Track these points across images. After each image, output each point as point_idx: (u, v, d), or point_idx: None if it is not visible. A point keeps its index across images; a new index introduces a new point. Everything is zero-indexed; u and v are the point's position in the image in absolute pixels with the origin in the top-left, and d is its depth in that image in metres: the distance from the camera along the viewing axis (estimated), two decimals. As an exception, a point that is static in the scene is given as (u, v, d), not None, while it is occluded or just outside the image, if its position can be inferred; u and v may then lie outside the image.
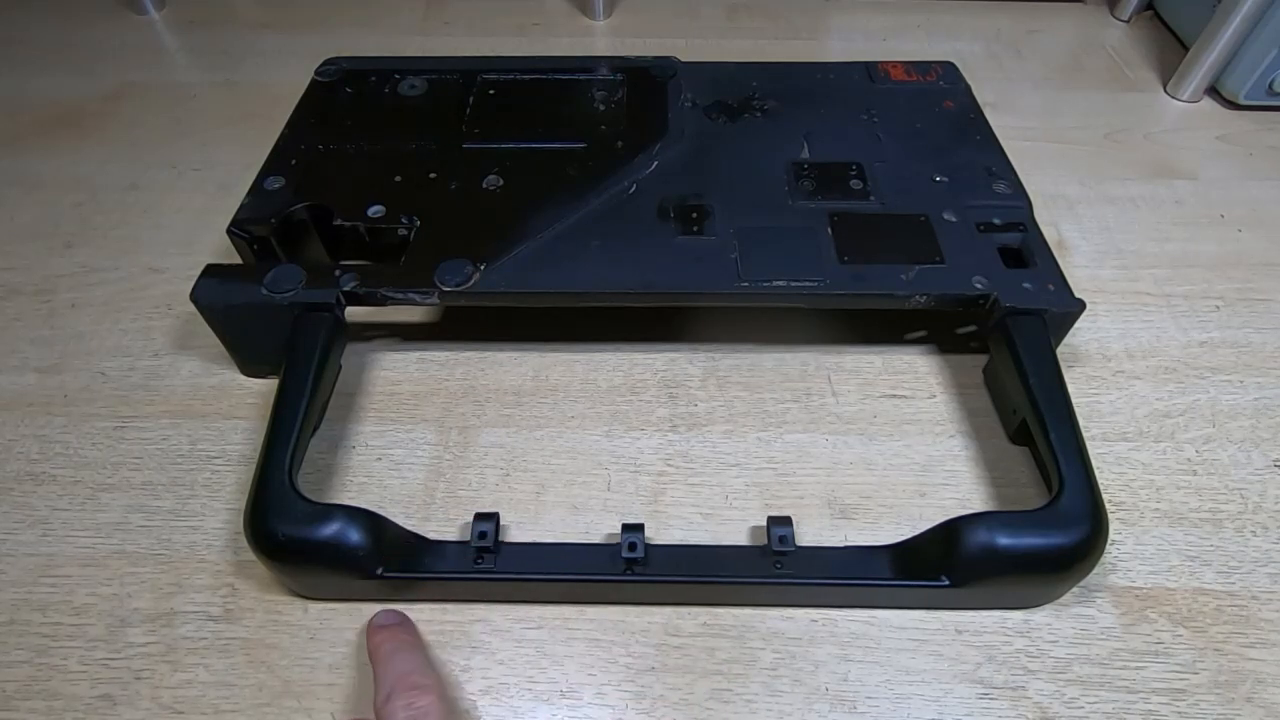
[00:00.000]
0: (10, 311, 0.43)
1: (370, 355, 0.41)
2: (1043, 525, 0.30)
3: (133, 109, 0.58)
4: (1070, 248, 0.47)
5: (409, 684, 0.27)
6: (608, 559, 0.31)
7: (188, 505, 0.35)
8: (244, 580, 0.33)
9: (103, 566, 0.33)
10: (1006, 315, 0.36)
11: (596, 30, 0.68)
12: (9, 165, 0.53)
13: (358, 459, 0.37)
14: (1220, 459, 0.37)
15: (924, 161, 0.43)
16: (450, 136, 0.44)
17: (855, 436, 0.38)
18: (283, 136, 0.44)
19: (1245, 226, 0.49)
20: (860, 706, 0.29)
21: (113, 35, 0.66)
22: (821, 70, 0.50)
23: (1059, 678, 0.30)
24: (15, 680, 0.30)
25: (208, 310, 0.37)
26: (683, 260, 0.38)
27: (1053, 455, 0.32)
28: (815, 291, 0.37)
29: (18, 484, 0.36)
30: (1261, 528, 0.34)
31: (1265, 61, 0.55)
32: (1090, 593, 0.32)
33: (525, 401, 0.39)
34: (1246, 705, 0.29)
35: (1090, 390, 0.40)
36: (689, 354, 0.41)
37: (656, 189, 0.41)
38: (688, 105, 0.47)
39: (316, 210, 0.41)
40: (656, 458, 0.37)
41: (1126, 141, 0.56)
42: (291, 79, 0.49)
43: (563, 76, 0.49)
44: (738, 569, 0.31)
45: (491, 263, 0.37)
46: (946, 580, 0.30)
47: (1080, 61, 0.64)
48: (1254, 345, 0.42)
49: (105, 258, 0.47)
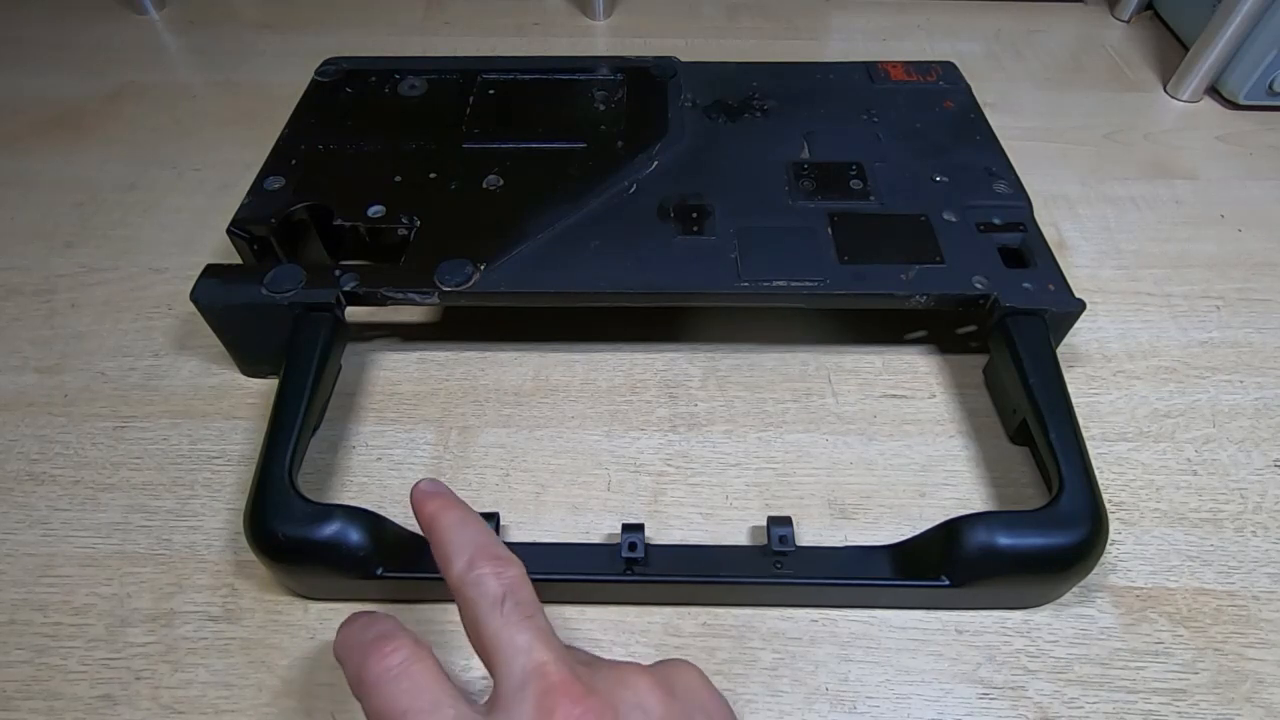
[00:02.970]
0: (10, 311, 0.44)
1: (370, 355, 0.41)
2: (1043, 525, 0.30)
3: (133, 109, 0.58)
4: (1070, 248, 0.47)
5: (491, 554, 0.23)
6: (608, 559, 0.31)
7: (188, 505, 0.35)
8: (244, 580, 0.33)
9: (103, 566, 0.33)
10: (1006, 315, 0.36)
11: (596, 30, 0.68)
12: (9, 165, 0.53)
13: (358, 459, 0.37)
14: (1220, 459, 0.37)
15: (924, 161, 0.43)
16: (450, 136, 0.44)
17: (855, 436, 0.38)
18: (283, 136, 0.44)
19: (1245, 226, 0.49)
20: (860, 706, 0.29)
21: (113, 35, 0.66)
22: (821, 70, 0.50)
23: (1059, 678, 0.30)
24: (15, 680, 0.30)
25: (208, 310, 0.37)
26: (683, 260, 0.38)
27: (1053, 455, 0.32)
28: (815, 291, 0.37)
29: (18, 484, 0.36)
30: (1261, 528, 0.34)
31: (1265, 61, 0.55)
32: (1090, 593, 0.32)
33: (525, 401, 0.39)
34: (1246, 705, 0.29)
35: (1090, 390, 0.40)
36: (689, 354, 0.41)
37: (656, 189, 0.41)
38: (688, 105, 0.47)
39: (316, 210, 0.41)
40: (656, 458, 0.37)
41: (1126, 141, 0.56)
42: (291, 79, 0.49)
43: (563, 76, 0.49)
44: (738, 569, 0.31)
45: (491, 263, 0.37)
46: (946, 580, 0.30)
47: (1080, 61, 0.64)
48: (1254, 345, 0.42)
49: (105, 258, 0.47)
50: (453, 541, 0.23)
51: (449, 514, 0.24)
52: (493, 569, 0.22)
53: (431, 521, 0.24)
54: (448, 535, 0.24)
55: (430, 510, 0.25)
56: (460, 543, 0.23)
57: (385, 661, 0.21)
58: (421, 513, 0.25)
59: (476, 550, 0.23)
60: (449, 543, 0.24)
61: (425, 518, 0.25)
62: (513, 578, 0.22)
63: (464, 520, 0.24)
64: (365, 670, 0.22)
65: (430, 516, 0.25)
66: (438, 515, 0.24)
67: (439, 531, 0.24)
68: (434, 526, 0.24)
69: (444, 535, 0.24)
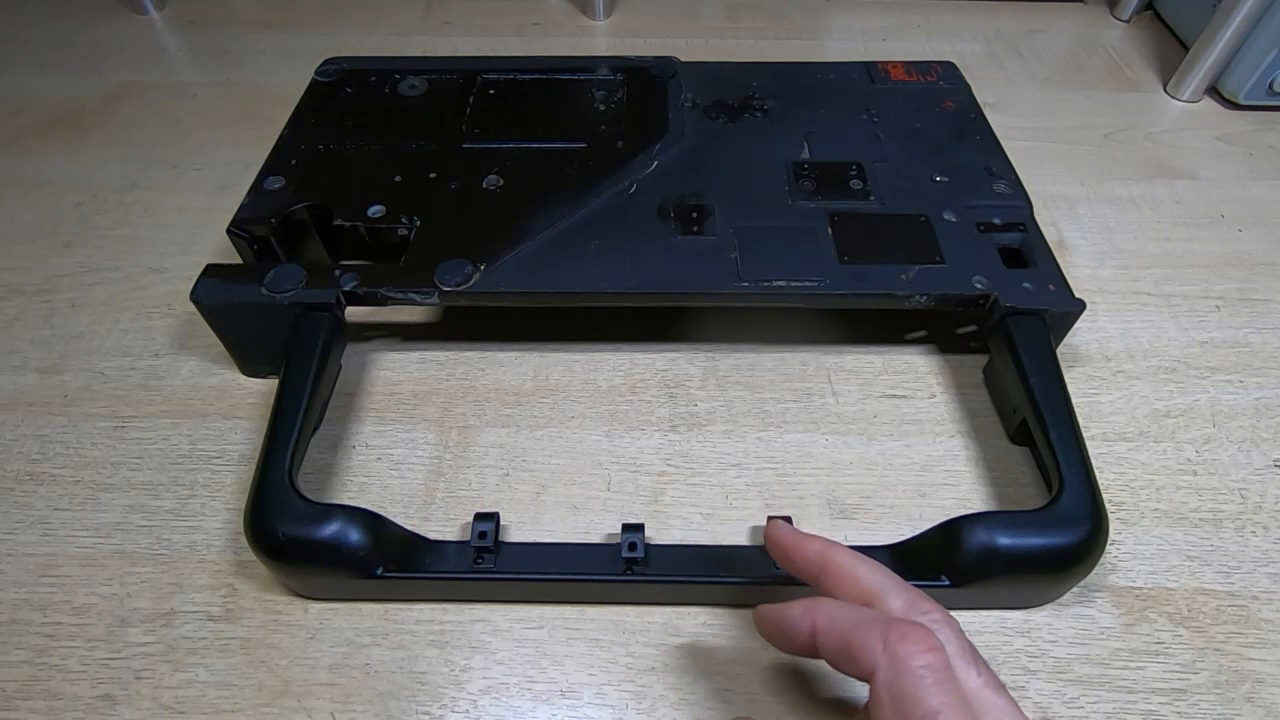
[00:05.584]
0: (10, 311, 0.44)
1: (370, 355, 0.41)
2: (1043, 525, 0.30)
3: (133, 109, 0.58)
4: (1070, 248, 0.47)
5: (920, 595, 0.22)
6: (608, 559, 0.31)
7: (188, 505, 0.35)
8: (244, 580, 0.33)
9: (103, 566, 0.33)
10: (1006, 315, 0.36)
11: (596, 30, 0.68)
12: (9, 165, 0.53)
13: (358, 459, 0.37)
14: (1220, 459, 0.37)
15: (924, 161, 0.43)
16: (450, 136, 0.44)
17: (855, 436, 0.38)
18: (283, 136, 0.44)
19: (1245, 226, 0.49)
20: (860, 706, 0.29)
21: (113, 35, 0.66)
22: (821, 70, 0.50)
23: (1059, 678, 0.30)
24: (15, 680, 0.30)
25: (208, 310, 0.37)
26: (683, 260, 0.38)
27: (1053, 455, 0.32)
28: (815, 291, 0.37)
29: (18, 484, 0.36)
30: (1261, 528, 0.34)
31: (1265, 61, 0.55)
32: (1090, 593, 0.32)
33: (525, 401, 0.39)
34: (1246, 705, 0.29)
35: (1090, 390, 0.40)
36: (689, 354, 0.41)
37: (656, 189, 0.41)
38: (688, 105, 0.47)
39: (316, 210, 0.41)
40: (656, 458, 0.37)
41: (1126, 141, 0.56)
42: (291, 79, 0.49)
43: (563, 76, 0.49)
44: (738, 569, 0.31)
45: (491, 263, 0.37)
46: (947, 580, 0.30)
47: (1080, 61, 0.64)
48: (1254, 345, 0.42)
49: (105, 258, 0.47)
50: (876, 580, 0.23)
51: (845, 553, 0.24)
52: (930, 612, 0.22)
53: (828, 561, 0.24)
54: (860, 570, 0.23)
55: (817, 550, 0.24)
56: (883, 581, 0.23)
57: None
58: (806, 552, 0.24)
59: (908, 591, 0.22)
60: (868, 580, 0.23)
61: (816, 555, 0.24)
62: (943, 619, 0.22)
63: (863, 560, 0.24)
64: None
65: (823, 555, 0.24)
66: (832, 553, 0.24)
67: (847, 569, 0.23)
68: (833, 565, 0.24)
69: (855, 571, 0.23)
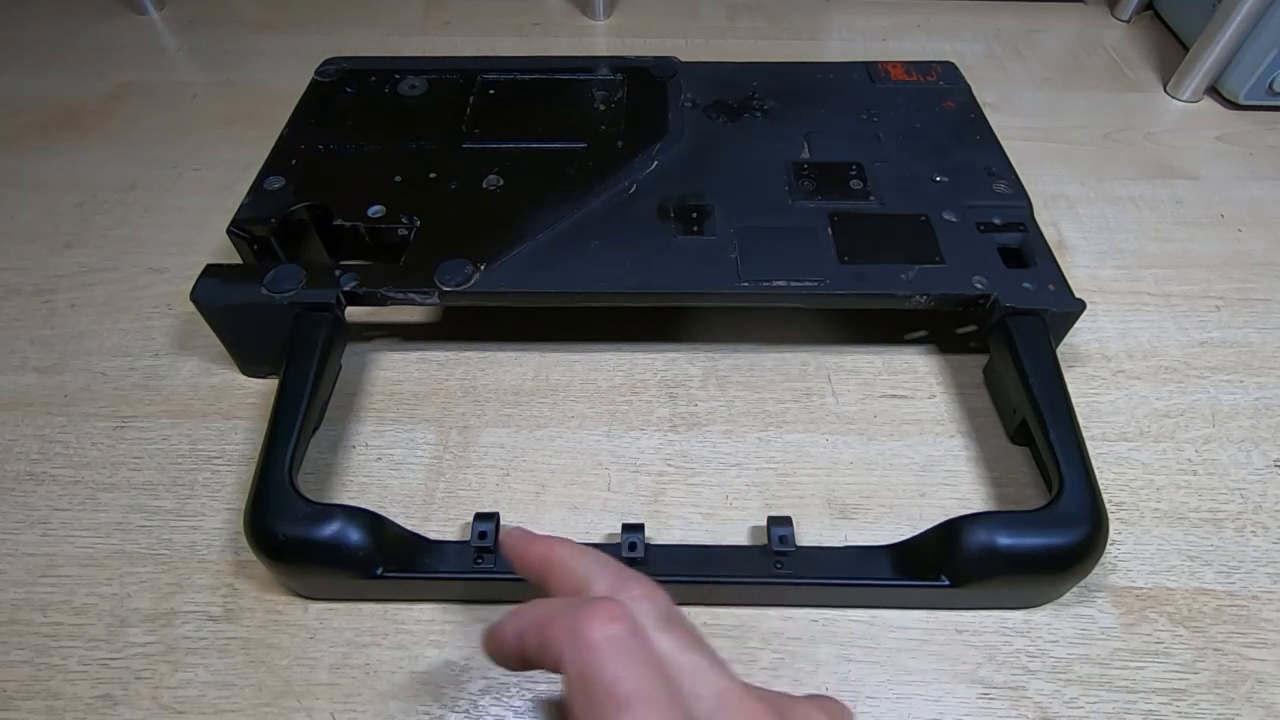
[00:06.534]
0: (10, 311, 0.44)
1: (370, 355, 0.41)
2: (1043, 525, 0.30)
3: (133, 109, 0.58)
4: (1070, 248, 0.47)
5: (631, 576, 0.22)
6: (608, 559, 0.31)
7: (188, 505, 0.35)
8: (244, 580, 0.33)
9: (103, 566, 0.33)
10: (1006, 315, 0.36)
11: (596, 30, 0.68)
12: (9, 165, 0.53)
13: (358, 459, 0.37)
14: (1220, 459, 0.37)
15: (924, 161, 0.43)
16: (450, 136, 0.44)
17: (855, 436, 0.38)
18: (283, 136, 0.44)
19: (1245, 226, 0.49)
20: (860, 706, 0.29)
21: (113, 35, 0.66)
22: (821, 70, 0.50)
23: (1059, 678, 0.30)
24: (15, 680, 0.30)
25: (208, 310, 0.37)
26: (683, 260, 0.38)
27: (1053, 455, 0.32)
28: (815, 291, 0.37)
29: (18, 484, 0.36)
30: (1261, 528, 0.34)
31: (1265, 61, 0.55)
32: (1090, 593, 0.32)
33: (525, 401, 0.39)
34: (1246, 705, 0.29)
35: (1090, 390, 0.40)
36: (689, 354, 0.41)
37: (656, 189, 0.41)
38: (688, 105, 0.47)
39: (316, 210, 0.41)
40: (656, 458, 0.37)
41: (1126, 141, 0.56)
42: (291, 79, 0.49)
43: (563, 76, 0.49)
44: (738, 569, 0.31)
45: (491, 263, 0.37)
46: (946, 580, 0.30)
47: (1080, 61, 0.64)
48: (1254, 345, 0.42)
49: (105, 258, 0.47)
50: (588, 569, 0.23)
51: (565, 547, 0.24)
52: (643, 590, 0.22)
53: (546, 557, 0.24)
54: (575, 563, 0.23)
55: (540, 549, 0.24)
56: (596, 569, 0.23)
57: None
58: (529, 553, 0.24)
59: (616, 576, 0.22)
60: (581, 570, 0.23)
61: (538, 556, 0.24)
62: (664, 600, 0.22)
63: (584, 552, 0.24)
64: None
65: (543, 553, 0.24)
66: (551, 549, 0.24)
67: (563, 563, 0.23)
68: (549, 561, 0.24)
69: (571, 563, 0.23)
